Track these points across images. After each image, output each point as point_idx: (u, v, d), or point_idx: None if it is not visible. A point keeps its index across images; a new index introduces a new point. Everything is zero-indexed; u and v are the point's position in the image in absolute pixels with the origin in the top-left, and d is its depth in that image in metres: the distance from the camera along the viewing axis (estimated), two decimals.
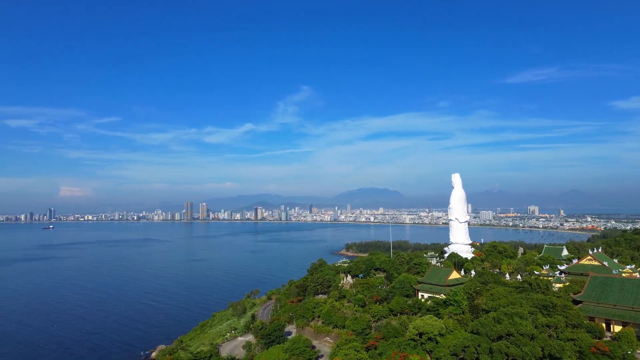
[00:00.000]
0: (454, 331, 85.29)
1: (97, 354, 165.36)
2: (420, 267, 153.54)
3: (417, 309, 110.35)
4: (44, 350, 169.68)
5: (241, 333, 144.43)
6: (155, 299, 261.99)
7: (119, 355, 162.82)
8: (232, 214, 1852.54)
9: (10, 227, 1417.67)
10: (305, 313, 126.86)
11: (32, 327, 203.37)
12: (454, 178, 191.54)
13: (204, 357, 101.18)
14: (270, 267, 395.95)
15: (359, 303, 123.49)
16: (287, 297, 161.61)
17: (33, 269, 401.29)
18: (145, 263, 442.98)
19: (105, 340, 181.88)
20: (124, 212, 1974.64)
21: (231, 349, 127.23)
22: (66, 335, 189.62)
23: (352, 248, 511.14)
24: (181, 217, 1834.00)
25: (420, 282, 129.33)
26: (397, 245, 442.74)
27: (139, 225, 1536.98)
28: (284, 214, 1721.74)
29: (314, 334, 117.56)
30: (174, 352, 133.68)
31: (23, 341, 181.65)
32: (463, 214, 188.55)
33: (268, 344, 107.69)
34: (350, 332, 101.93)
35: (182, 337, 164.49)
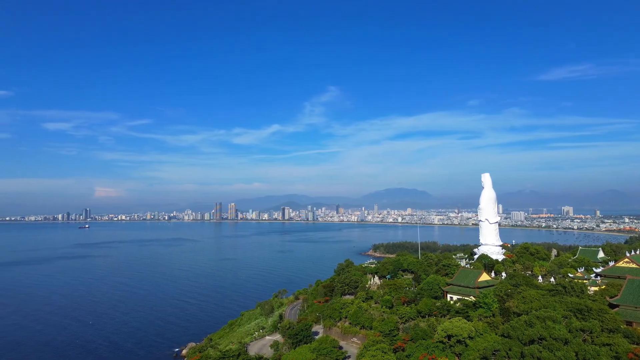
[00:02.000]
0: (484, 334, 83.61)
1: (130, 349, 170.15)
2: (449, 268, 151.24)
3: (445, 311, 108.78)
4: (82, 342, 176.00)
5: (269, 332, 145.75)
6: (186, 297, 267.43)
7: (152, 351, 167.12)
8: (260, 214, 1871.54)
9: (48, 227, 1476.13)
10: (333, 313, 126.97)
11: (71, 321, 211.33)
12: (483, 178, 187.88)
13: (233, 355, 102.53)
14: (297, 267, 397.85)
15: (387, 304, 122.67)
16: (315, 297, 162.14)
17: (70, 267, 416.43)
18: (176, 262, 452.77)
19: (138, 336, 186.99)
20: (156, 212, 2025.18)
21: (259, 347, 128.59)
22: (101, 330, 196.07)
23: (380, 249, 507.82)
24: (211, 217, 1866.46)
25: (449, 284, 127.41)
26: (426, 247, 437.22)
27: (170, 225, 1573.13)
28: (311, 214, 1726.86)
29: (341, 335, 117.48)
30: (203, 349, 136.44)
31: (62, 334, 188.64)
32: (493, 214, 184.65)
33: (295, 344, 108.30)
34: (378, 334, 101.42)
35: (212, 335, 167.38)
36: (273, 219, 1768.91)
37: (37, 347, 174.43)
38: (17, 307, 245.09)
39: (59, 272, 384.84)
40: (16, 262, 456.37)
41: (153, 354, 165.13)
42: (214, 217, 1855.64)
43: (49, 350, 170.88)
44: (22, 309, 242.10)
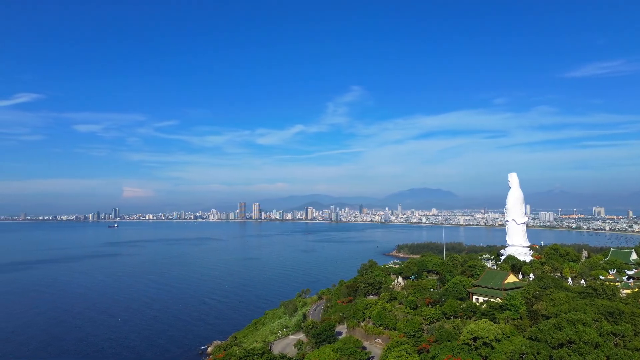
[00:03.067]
0: (511, 337, 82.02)
1: (159, 345, 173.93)
2: (474, 269, 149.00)
3: (471, 313, 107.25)
4: (108, 342, 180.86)
5: (292, 331, 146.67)
6: (212, 295, 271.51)
7: (179, 348, 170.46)
8: (283, 213, 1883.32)
9: (79, 226, 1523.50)
10: (356, 314, 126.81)
11: (98, 319, 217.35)
12: (510, 178, 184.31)
13: (257, 354, 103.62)
14: (320, 267, 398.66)
15: (411, 305, 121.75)
16: (338, 297, 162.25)
17: (101, 265, 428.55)
18: (202, 261, 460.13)
19: (166, 332, 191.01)
20: (182, 212, 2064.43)
21: (283, 347, 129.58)
22: (128, 328, 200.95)
23: (404, 249, 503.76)
24: (235, 217, 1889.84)
25: (474, 285, 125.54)
26: (451, 247, 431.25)
27: (196, 224, 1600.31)
28: (334, 214, 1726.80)
29: (365, 335, 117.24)
30: (228, 347, 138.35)
31: (96, 330, 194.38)
32: (521, 215, 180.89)
33: (319, 343, 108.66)
34: (402, 335, 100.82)
35: (236, 334, 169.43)
36: (296, 219, 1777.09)
37: (75, 342, 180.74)
38: (55, 303, 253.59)
39: (91, 269, 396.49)
40: (51, 260, 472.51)
41: (180, 350, 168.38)
42: (238, 217, 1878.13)
43: (85, 345, 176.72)
44: (60, 305, 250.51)
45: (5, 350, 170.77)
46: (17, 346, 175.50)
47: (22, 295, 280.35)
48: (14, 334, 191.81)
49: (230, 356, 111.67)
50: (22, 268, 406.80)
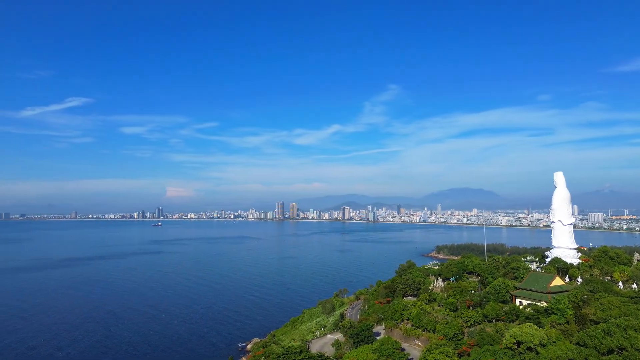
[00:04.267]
0: (556, 342, 78.98)
1: (199, 341, 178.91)
2: (517, 272, 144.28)
3: (514, 316, 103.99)
4: (157, 335, 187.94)
5: (330, 331, 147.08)
6: (251, 293, 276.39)
7: (219, 344, 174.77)
8: (320, 213, 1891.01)
9: (126, 224, 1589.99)
10: (394, 314, 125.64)
11: (146, 314, 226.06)
12: (556, 177, 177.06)
13: (295, 352, 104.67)
14: (358, 267, 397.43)
15: (451, 307, 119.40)
16: (376, 298, 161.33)
17: (146, 262, 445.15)
18: (241, 259, 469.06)
19: (206, 329, 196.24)
20: (222, 211, 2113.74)
21: (320, 346, 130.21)
22: (173, 323, 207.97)
23: (443, 250, 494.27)
24: (273, 216, 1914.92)
25: (518, 288, 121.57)
26: (492, 249, 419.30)
27: (235, 223, 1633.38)
28: (372, 214, 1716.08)
29: (403, 336, 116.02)
30: (267, 345, 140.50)
31: (138, 327, 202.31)
32: (567, 215, 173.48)
33: (357, 343, 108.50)
34: (441, 337, 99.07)
35: (275, 332, 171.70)
36: (333, 219, 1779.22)
37: (130, 335, 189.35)
38: (108, 298, 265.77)
39: (138, 266, 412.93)
40: (101, 257, 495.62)
41: (221, 345, 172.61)
42: (276, 216, 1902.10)
43: (138, 337, 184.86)
44: (113, 299, 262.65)
45: (67, 340, 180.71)
46: (79, 337, 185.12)
47: (78, 289, 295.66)
48: (73, 326, 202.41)
49: (269, 354, 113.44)
50: (75, 264, 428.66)
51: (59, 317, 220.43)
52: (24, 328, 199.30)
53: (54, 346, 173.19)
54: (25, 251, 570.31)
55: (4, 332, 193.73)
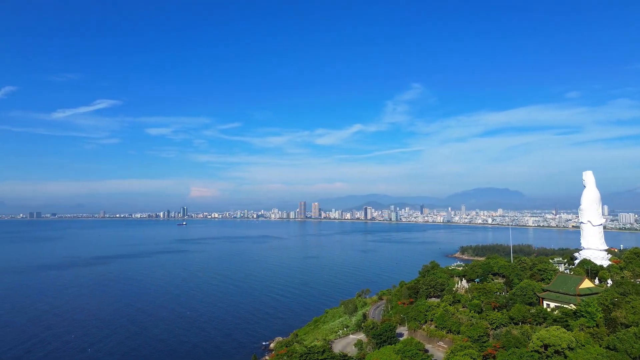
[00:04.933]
0: (586, 345, 77.03)
1: (224, 339, 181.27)
2: (545, 273, 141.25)
3: (541, 319, 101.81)
4: (184, 332, 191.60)
5: (352, 331, 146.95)
6: (274, 292, 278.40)
7: (242, 343, 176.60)
8: (342, 213, 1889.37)
9: (151, 223, 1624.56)
10: (417, 315, 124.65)
11: (174, 312, 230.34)
12: (585, 176, 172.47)
13: (318, 351, 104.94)
14: (380, 267, 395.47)
15: (475, 309, 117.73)
16: (398, 298, 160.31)
17: (172, 261, 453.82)
18: (264, 258, 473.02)
19: (231, 327, 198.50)
20: (245, 211, 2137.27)
21: (343, 346, 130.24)
22: (199, 320, 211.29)
23: (468, 251, 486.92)
24: (295, 216, 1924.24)
25: (545, 290, 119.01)
26: (519, 250, 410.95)
27: (258, 222, 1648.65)
28: (394, 214, 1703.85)
29: (427, 338, 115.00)
30: (290, 344, 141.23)
31: (166, 325, 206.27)
32: (597, 216, 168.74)
33: (379, 344, 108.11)
34: (466, 339, 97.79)
35: (298, 331, 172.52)
36: (355, 219, 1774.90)
37: (159, 332, 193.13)
38: (137, 296, 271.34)
39: (165, 264, 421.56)
40: (129, 255, 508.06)
41: (244, 344, 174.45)
42: (298, 216, 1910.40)
43: (167, 334, 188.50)
44: (143, 297, 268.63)
45: (98, 336, 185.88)
46: (109, 333, 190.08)
47: (108, 286, 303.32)
48: (104, 322, 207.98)
49: (292, 353, 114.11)
50: (104, 262, 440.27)
51: (90, 313, 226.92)
52: (58, 324, 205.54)
53: (86, 341, 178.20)
54: (57, 249, 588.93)
55: (39, 327, 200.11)
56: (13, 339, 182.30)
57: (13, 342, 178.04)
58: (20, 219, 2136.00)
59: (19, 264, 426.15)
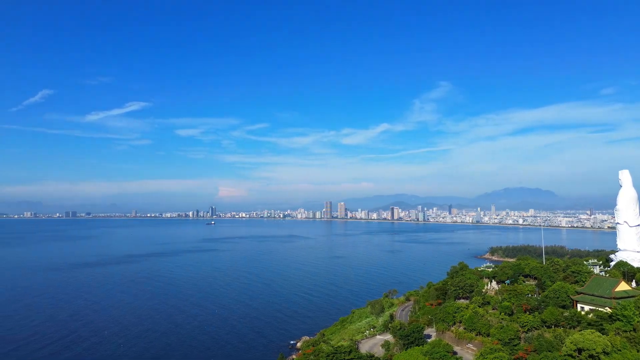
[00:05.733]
0: (622, 350, 74.44)
1: (252, 338, 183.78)
2: (579, 275, 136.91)
3: (575, 322, 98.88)
4: (213, 328, 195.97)
5: (379, 332, 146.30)
6: (301, 291, 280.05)
7: (270, 341, 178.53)
8: (368, 213, 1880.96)
9: (181, 222, 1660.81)
10: (446, 317, 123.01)
11: (204, 309, 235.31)
12: (622, 175, 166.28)
13: (344, 351, 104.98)
14: (407, 268, 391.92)
15: (506, 311, 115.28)
16: (426, 300, 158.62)
17: (201, 259, 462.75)
18: (291, 258, 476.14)
19: (259, 326, 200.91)
20: (272, 210, 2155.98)
21: (370, 346, 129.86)
22: (230, 318, 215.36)
23: (498, 252, 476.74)
24: (321, 216, 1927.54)
25: (579, 293, 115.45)
26: (551, 251, 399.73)
27: (285, 222, 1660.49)
28: (422, 214, 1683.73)
29: (455, 340, 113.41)
30: (316, 344, 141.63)
31: (199, 322, 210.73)
32: (634, 216, 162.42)
33: (407, 345, 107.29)
34: (496, 341, 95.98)
35: (324, 331, 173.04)
36: (382, 219, 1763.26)
37: (190, 328, 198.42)
38: (169, 293, 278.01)
39: (193, 263, 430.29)
40: (160, 254, 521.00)
41: (272, 343, 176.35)
42: (324, 216, 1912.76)
43: (198, 331, 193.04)
44: (175, 294, 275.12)
45: (135, 332, 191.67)
46: (145, 329, 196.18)
47: (142, 283, 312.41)
48: (140, 319, 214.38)
49: (319, 352, 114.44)
50: (137, 260, 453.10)
51: (125, 310, 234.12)
52: (95, 320, 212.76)
53: (121, 336, 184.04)
54: (92, 248, 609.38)
55: (78, 323, 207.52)
56: (54, 333, 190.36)
57: (54, 336, 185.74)
58: (57, 218, 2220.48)
59: (57, 261, 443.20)
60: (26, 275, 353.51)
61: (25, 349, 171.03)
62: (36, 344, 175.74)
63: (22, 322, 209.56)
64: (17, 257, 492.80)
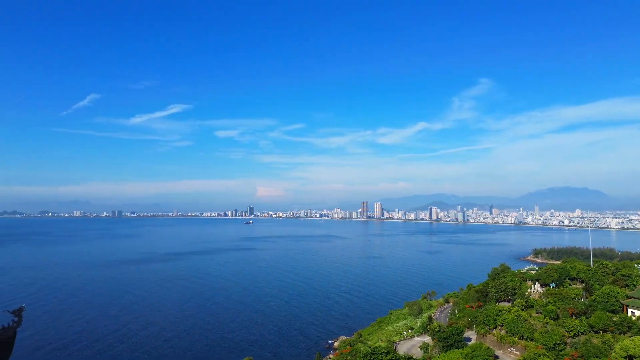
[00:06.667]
0: None
1: (289, 336, 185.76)
2: (629, 279, 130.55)
3: (625, 328, 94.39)
4: (255, 325, 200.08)
5: (418, 333, 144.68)
6: (338, 291, 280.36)
7: (307, 341, 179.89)
8: (406, 213, 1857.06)
9: (220, 222, 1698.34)
10: (487, 320, 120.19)
11: (247, 306, 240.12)
12: None
13: (382, 352, 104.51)
14: (446, 269, 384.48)
15: (551, 315, 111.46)
16: (466, 302, 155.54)
17: (241, 258, 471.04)
18: (328, 257, 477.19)
19: (296, 324, 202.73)
20: (308, 210, 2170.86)
21: (408, 348, 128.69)
22: (270, 315, 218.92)
23: (542, 254, 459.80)
24: (358, 216, 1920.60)
25: (629, 297, 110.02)
26: (600, 253, 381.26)
27: (321, 222, 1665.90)
28: (461, 214, 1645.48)
29: (497, 343, 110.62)
30: (354, 344, 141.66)
31: (242, 319, 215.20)
32: None
33: (446, 348, 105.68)
34: (540, 346, 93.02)
35: (361, 331, 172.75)
36: (419, 219, 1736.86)
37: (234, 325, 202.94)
38: (212, 291, 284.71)
39: (233, 261, 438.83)
40: (201, 252, 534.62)
41: (309, 342, 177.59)
42: (360, 216, 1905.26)
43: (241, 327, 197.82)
44: (218, 291, 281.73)
45: (182, 328, 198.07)
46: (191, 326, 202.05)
47: (187, 280, 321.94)
48: (187, 315, 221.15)
49: (356, 352, 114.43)
50: (179, 258, 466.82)
51: (171, 306, 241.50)
52: (142, 315, 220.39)
53: (169, 331, 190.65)
54: (137, 246, 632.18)
55: (129, 317, 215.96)
56: (108, 326, 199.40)
57: (108, 329, 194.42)
58: (104, 217, 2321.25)
59: (106, 258, 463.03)
60: (80, 271, 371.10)
61: (86, 340, 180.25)
62: (94, 336, 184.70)
63: (79, 314, 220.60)
64: (70, 254, 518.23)
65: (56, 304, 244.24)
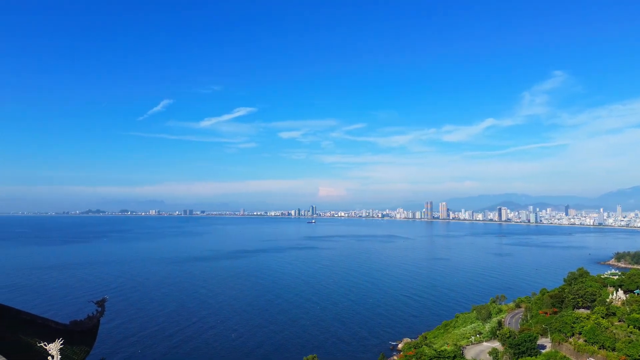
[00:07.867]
0: None
1: (353, 336, 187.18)
2: None
3: None
4: (323, 322, 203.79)
5: (486, 338, 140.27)
6: (402, 292, 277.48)
7: (371, 341, 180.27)
8: (473, 214, 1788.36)
9: (284, 221, 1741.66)
10: (563, 327, 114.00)
11: (314, 304, 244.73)
12: None
13: (448, 356, 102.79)
14: (517, 273, 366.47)
15: (635, 324, 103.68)
16: (539, 307, 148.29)
17: (304, 256, 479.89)
18: (392, 258, 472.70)
19: (360, 324, 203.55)
20: (370, 210, 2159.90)
21: (476, 353, 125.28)
22: (332, 312, 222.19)
23: (625, 258, 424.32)
24: (421, 216, 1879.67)
25: None
26: None
27: (383, 222, 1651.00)
28: (533, 215, 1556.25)
29: (574, 352, 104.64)
30: (418, 346, 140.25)
31: (310, 316, 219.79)
32: None
33: (517, 354, 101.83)
34: (623, 357, 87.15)
35: (426, 333, 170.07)
36: (488, 220, 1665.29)
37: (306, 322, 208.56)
38: (280, 288, 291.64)
39: (297, 260, 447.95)
40: (266, 250, 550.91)
41: (373, 342, 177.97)
42: (424, 216, 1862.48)
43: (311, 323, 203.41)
44: (285, 289, 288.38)
45: (254, 324, 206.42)
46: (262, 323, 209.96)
47: (256, 276, 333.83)
48: (260, 311, 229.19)
49: (421, 355, 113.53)
50: (246, 256, 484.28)
51: (244, 302, 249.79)
52: (220, 310, 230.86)
53: (243, 327, 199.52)
54: (208, 243, 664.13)
55: (205, 312, 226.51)
56: (186, 319, 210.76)
57: (186, 322, 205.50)
58: (177, 215, 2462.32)
59: (182, 255, 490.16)
60: (159, 266, 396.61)
61: (169, 329, 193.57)
62: (174, 327, 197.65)
63: (159, 307, 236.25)
64: (149, 250, 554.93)
65: (141, 297, 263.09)
